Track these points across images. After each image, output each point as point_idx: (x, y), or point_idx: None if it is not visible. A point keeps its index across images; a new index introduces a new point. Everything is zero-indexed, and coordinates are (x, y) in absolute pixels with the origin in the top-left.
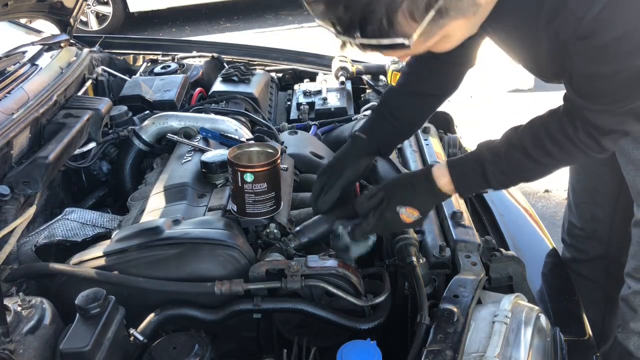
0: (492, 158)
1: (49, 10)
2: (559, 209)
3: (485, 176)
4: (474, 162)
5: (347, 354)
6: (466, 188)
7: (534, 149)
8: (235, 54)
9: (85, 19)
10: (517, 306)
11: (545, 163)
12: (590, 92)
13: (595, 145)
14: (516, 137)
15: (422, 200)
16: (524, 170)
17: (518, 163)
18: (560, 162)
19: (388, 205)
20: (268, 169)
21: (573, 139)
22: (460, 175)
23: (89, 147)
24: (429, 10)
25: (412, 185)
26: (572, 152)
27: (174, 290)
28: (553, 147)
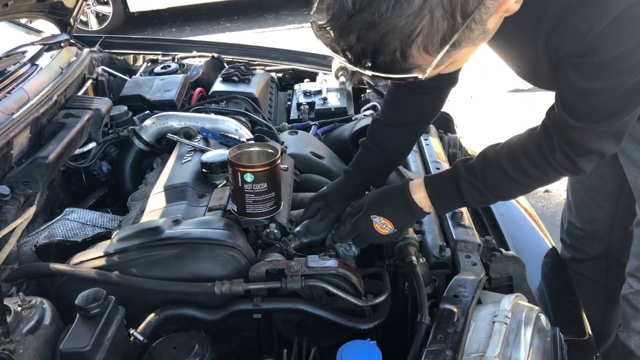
0: (467, 176)
1: (49, 10)
2: (559, 209)
3: (460, 193)
4: (449, 179)
5: (347, 354)
6: (442, 204)
7: (509, 167)
8: (235, 54)
9: (85, 19)
10: (517, 306)
11: (521, 182)
12: (579, 108)
13: (571, 166)
14: (493, 155)
15: (396, 213)
16: (499, 188)
17: (494, 181)
18: (536, 182)
19: (363, 213)
20: (268, 169)
21: (549, 159)
22: (435, 191)
23: (89, 147)
24: (444, 45)
25: (388, 196)
26: (548, 172)
27: (174, 290)
28: (529, 166)
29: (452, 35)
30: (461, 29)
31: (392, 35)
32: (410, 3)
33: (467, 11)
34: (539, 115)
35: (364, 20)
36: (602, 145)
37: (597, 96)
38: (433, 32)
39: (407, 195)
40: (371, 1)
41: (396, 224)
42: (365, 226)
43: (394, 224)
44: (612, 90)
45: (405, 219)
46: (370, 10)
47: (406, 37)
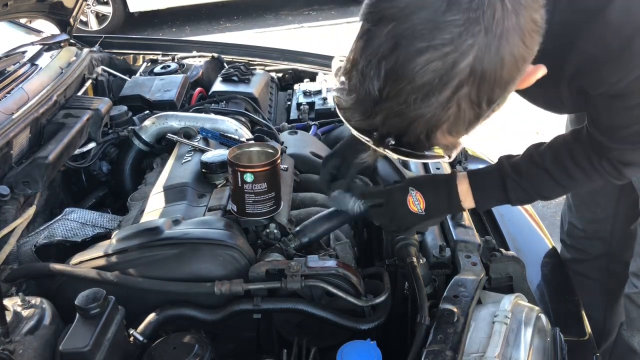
0: (513, 173)
1: (49, 10)
2: (559, 209)
3: (505, 190)
4: (494, 174)
5: (347, 354)
6: (484, 198)
7: (555, 170)
8: (235, 54)
9: (85, 19)
10: (517, 306)
11: (565, 184)
12: (613, 134)
13: (617, 173)
14: (538, 155)
15: (435, 196)
16: (543, 189)
17: (539, 181)
18: (580, 185)
19: (403, 184)
20: (268, 169)
21: (596, 165)
22: (479, 185)
23: (89, 147)
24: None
25: (434, 180)
26: (593, 176)
27: (173, 291)
28: (575, 170)
29: (477, 120)
30: (485, 114)
31: (418, 123)
32: (438, 95)
33: (492, 99)
34: (539, 115)
35: (391, 108)
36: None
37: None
38: (460, 121)
39: (452, 183)
40: (400, 91)
41: (429, 207)
42: (398, 195)
43: (427, 206)
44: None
45: (440, 207)
46: (398, 100)
47: (433, 125)
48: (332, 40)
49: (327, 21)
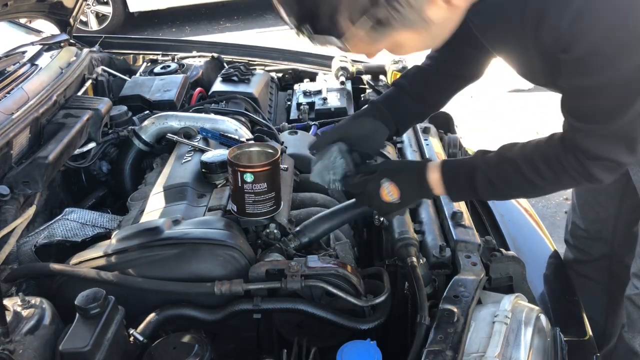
0: (484, 166)
1: (49, 10)
2: (559, 209)
3: (473, 183)
4: (466, 166)
5: (347, 354)
6: (454, 190)
7: (524, 164)
8: (235, 54)
9: (85, 19)
10: (517, 306)
11: (534, 182)
12: (576, 108)
13: (582, 170)
14: (509, 150)
15: (407, 185)
16: (512, 185)
17: (507, 176)
18: (549, 184)
19: (376, 175)
20: (268, 169)
21: (561, 160)
22: (451, 176)
23: (88, 147)
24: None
25: (405, 168)
26: (560, 174)
27: (173, 291)
28: (542, 166)
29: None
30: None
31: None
32: None
33: None
34: (538, 115)
35: None
36: (610, 150)
37: (587, 95)
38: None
39: (423, 172)
40: None
41: (403, 196)
42: (372, 187)
43: (401, 194)
44: (597, 89)
45: (413, 195)
46: None
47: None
48: None
49: None
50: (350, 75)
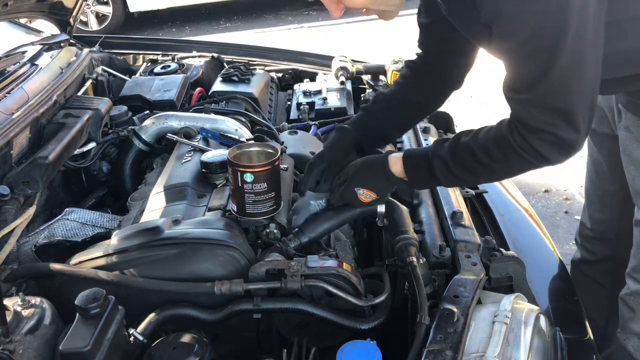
0: (440, 153)
1: (49, 10)
2: (559, 209)
3: (432, 171)
4: (423, 154)
5: (347, 354)
6: (415, 179)
7: (476, 147)
8: (235, 54)
9: (85, 19)
10: (517, 306)
11: (487, 164)
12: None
13: (527, 145)
14: (464, 136)
15: (377, 184)
16: (468, 169)
17: (462, 161)
18: (501, 166)
19: (347, 186)
20: (268, 169)
21: (508, 139)
22: (410, 166)
23: (89, 147)
24: None
25: (370, 169)
26: (509, 154)
27: (173, 291)
28: (492, 147)
29: None
30: None
31: None
32: None
33: None
34: None
35: None
36: (546, 122)
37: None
38: None
39: (386, 167)
40: None
41: (378, 193)
42: (350, 197)
43: (377, 193)
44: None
45: (385, 188)
46: None
47: None
48: (332, 40)
49: (327, 21)
50: (350, 75)
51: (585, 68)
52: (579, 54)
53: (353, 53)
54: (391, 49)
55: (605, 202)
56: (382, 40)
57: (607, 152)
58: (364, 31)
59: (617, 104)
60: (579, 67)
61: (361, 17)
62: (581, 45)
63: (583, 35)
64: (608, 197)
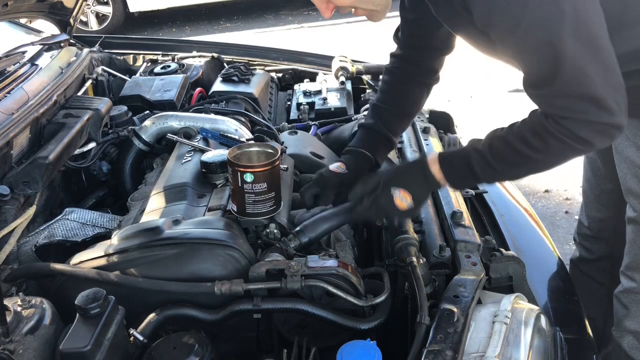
0: (477, 147)
1: (49, 10)
2: (559, 209)
3: (470, 165)
4: (461, 151)
5: (347, 354)
6: (454, 177)
7: (513, 139)
8: (235, 54)
9: (85, 19)
10: (517, 306)
11: (527, 154)
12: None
13: (567, 131)
14: (500, 130)
15: (415, 185)
16: (507, 162)
17: (500, 153)
18: (543, 154)
19: (383, 188)
20: (268, 169)
21: (545, 126)
22: (448, 163)
23: (89, 147)
24: None
25: (407, 170)
26: (548, 141)
27: (173, 291)
28: (530, 136)
29: None
30: None
31: None
32: None
33: None
34: None
35: None
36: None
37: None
38: None
39: (425, 167)
40: None
41: (415, 197)
42: (385, 201)
43: (413, 197)
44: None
45: (422, 193)
46: None
47: None
48: (332, 40)
49: (327, 21)
50: (350, 75)
51: (597, 49)
52: (586, 37)
53: (353, 53)
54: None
55: (601, 200)
56: (382, 40)
57: (602, 150)
58: (364, 31)
59: None
60: (591, 49)
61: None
62: (586, 29)
63: (586, 19)
64: (604, 195)
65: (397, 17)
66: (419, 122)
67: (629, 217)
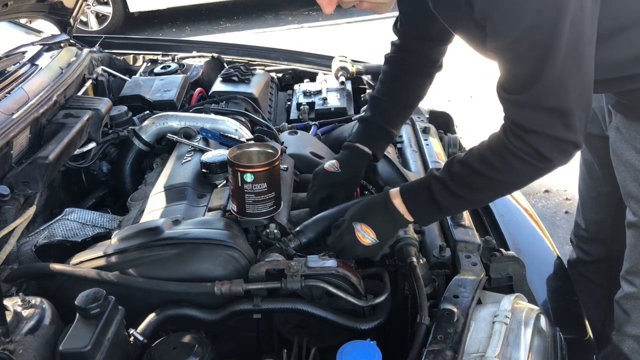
0: (437, 174)
1: (49, 10)
2: (559, 209)
3: (432, 195)
4: (422, 181)
5: (347, 354)
6: (418, 209)
7: (474, 161)
8: (235, 54)
9: (85, 19)
10: (517, 306)
11: (489, 176)
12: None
13: (528, 147)
14: (459, 155)
15: (378, 220)
16: (470, 186)
17: (462, 178)
18: (505, 175)
19: (347, 223)
20: (268, 169)
21: (506, 144)
22: (409, 195)
23: (89, 147)
24: None
25: (370, 204)
26: (509, 159)
27: (174, 291)
28: (490, 155)
29: None
30: None
31: None
32: None
33: None
34: None
35: None
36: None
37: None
38: None
39: (388, 201)
40: None
41: (378, 233)
42: (348, 236)
43: (377, 232)
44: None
45: (387, 228)
46: None
47: None
48: (332, 40)
49: (327, 21)
50: (350, 75)
51: (582, 65)
52: (575, 50)
53: (353, 53)
54: None
55: (598, 203)
56: (382, 40)
57: (598, 153)
58: (364, 31)
59: (607, 104)
60: (576, 63)
61: (361, 17)
62: (577, 41)
63: (579, 31)
64: (601, 198)
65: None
66: (419, 122)
67: (629, 221)
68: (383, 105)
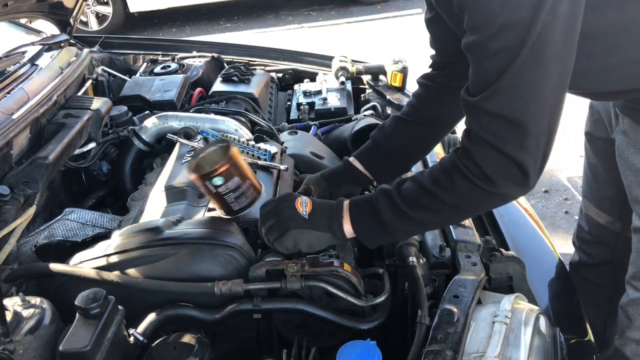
0: (386, 189)
1: (49, 10)
2: (559, 209)
3: (377, 212)
4: (370, 196)
5: (347, 354)
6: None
7: (425, 177)
8: (235, 54)
9: (85, 19)
10: (517, 306)
11: (435, 194)
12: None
13: (472, 164)
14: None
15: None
16: (416, 204)
17: (410, 194)
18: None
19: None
20: (231, 161)
21: (454, 159)
22: (355, 209)
23: (89, 147)
24: None
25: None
26: (454, 177)
27: (174, 291)
28: (438, 170)
29: None
30: None
31: None
32: None
33: None
34: None
35: None
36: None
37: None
38: None
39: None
40: None
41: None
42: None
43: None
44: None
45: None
46: None
47: None
48: (332, 40)
49: (327, 21)
50: (350, 75)
51: (544, 78)
52: (538, 56)
53: (353, 53)
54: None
55: (603, 206)
56: (382, 40)
57: (604, 156)
58: (364, 31)
59: (614, 107)
60: (537, 73)
61: (361, 17)
62: (542, 49)
63: (546, 38)
64: (606, 201)
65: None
66: None
67: (636, 226)
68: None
